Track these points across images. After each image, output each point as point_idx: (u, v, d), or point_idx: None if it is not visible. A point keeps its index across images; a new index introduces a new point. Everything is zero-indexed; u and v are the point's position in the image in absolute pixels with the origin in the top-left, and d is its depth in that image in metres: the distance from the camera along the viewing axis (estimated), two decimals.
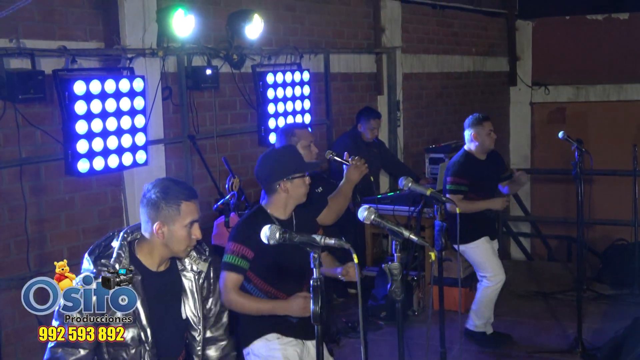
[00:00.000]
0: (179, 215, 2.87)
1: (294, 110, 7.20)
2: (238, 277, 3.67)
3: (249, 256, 3.67)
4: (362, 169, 4.67)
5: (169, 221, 2.87)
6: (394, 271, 3.12)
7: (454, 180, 5.80)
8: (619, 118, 11.60)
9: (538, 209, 11.94)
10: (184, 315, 3.05)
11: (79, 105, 5.19)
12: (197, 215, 2.94)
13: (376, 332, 6.55)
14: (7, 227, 5.09)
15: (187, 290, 3.04)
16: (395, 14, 9.02)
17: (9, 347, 5.03)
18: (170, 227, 2.87)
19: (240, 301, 3.65)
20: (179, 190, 2.91)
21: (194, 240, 2.94)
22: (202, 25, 6.29)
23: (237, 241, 3.70)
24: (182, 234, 2.89)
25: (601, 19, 11.74)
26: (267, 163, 3.83)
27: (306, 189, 3.83)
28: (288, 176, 3.75)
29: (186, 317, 3.05)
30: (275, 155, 3.89)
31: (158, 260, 2.95)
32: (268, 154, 3.92)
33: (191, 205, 2.91)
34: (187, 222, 2.88)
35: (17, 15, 5.12)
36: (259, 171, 3.85)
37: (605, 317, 6.83)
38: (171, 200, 2.87)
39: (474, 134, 5.90)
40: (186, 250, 2.95)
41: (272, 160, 3.83)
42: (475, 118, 5.96)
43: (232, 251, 3.68)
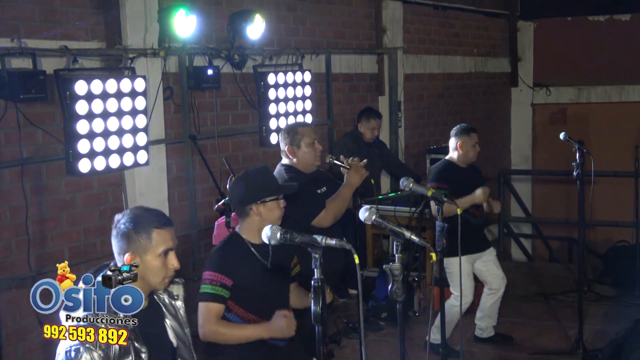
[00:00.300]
0: (151, 245, 2.71)
1: (295, 110, 7.20)
2: (219, 307, 3.55)
3: (228, 284, 3.56)
4: (362, 172, 4.65)
5: (141, 252, 2.70)
6: (395, 272, 3.12)
7: (435, 185, 5.74)
8: (620, 119, 11.60)
9: (539, 210, 11.94)
10: (174, 342, 2.90)
11: (80, 105, 5.19)
12: (172, 243, 2.76)
13: (377, 332, 6.55)
14: (8, 227, 5.09)
15: (170, 317, 2.89)
16: (396, 15, 9.02)
17: (10, 347, 5.03)
18: (143, 258, 2.70)
19: (223, 332, 3.54)
20: (150, 217, 2.75)
21: (171, 270, 2.77)
22: (204, 26, 6.29)
23: (215, 270, 3.57)
24: (156, 264, 2.72)
25: (603, 20, 11.74)
26: (239, 186, 3.71)
27: (281, 212, 3.70)
28: (261, 199, 3.65)
29: (177, 345, 2.91)
30: (248, 177, 3.75)
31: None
32: (241, 176, 3.80)
33: (164, 233, 2.74)
34: (160, 251, 2.72)
35: (19, 15, 5.13)
36: (231, 194, 3.75)
37: (606, 319, 6.82)
38: (141, 229, 2.71)
39: (460, 143, 5.91)
40: (164, 282, 2.78)
41: (244, 183, 3.70)
42: (464, 128, 5.99)
43: (211, 280, 3.55)
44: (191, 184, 6.39)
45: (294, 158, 4.68)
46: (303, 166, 4.68)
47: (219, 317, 3.56)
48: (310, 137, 4.72)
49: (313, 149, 4.69)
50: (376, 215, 3.24)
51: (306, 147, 4.65)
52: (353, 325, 6.52)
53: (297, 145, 4.66)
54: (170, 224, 2.80)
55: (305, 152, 4.66)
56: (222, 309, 3.56)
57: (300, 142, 4.68)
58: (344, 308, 7.16)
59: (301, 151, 4.66)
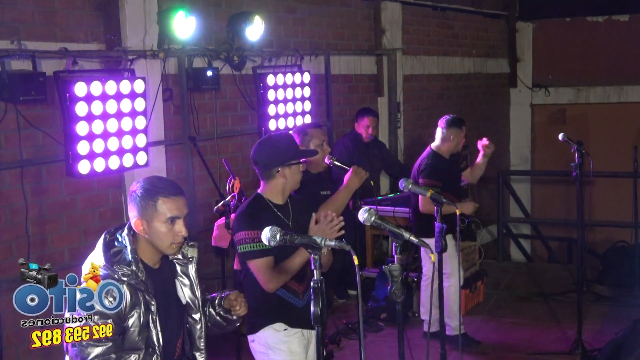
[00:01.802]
0: (156, 212, 2.87)
1: (294, 111, 7.21)
2: (269, 259, 3.67)
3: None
4: (362, 175, 4.67)
5: (148, 218, 2.88)
6: (394, 272, 3.13)
7: (429, 182, 5.78)
8: (619, 120, 11.61)
9: (538, 210, 11.96)
10: (183, 300, 3.06)
11: (79, 107, 5.20)
12: (179, 212, 2.90)
13: (376, 333, 6.56)
14: (8, 229, 5.10)
15: (182, 276, 3.06)
16: (395, 16, 9.03)
17: (10, 348, 5.03)
18: (150, 223, 2.88)
19: (281, 277, 3.68)
20: (160, 186, 2.91)
21: (179, 236, 2.91)
22: (203, 27, 6.30)
23: (250, 228, 3.68)
24: (162, 230, 2.88)
25: (601, 21, 11.75)
26: (265, 149, 3.84)
27: (301, 175, 3.87)
28: (286, 162, 3.78)
29: (186, 302, 3.07)
30: (272, 141, 3.90)
31: (155, 258, 2.96)
32: (266, 140, 3.94)
33: (170, 202, 2.88)
34: (165, 219, 2.87)
35: (19, 17, 5.13)
36: (257, 157, 3.85)
37: (606, 319, 6.83)
38: (149, 197, 2.87)
39: (453, 135, 5.97)
40: (171, 247, 2.92)
41: (270, 146, 3.84)
42: (456, 119, 6.09)
43: (251, 239, 3.67)
44: (191, 185, 6.40)
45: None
46: (310, 167, 4.72)
47: (271, 268, 3.67)
48: (319, 139, 4.80)
49: (321, 150, 4.75)
50: (375, 216, 3.25)
51: (314, 148, 4.68)
52: (352, 326, 6.53)
53: (305, 145, 4.72)
54: (178, 194, 2.92)
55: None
56: (271, 260, 3.68)
57: (309, 142, 4.75)
58: (344, 309, 7.17)
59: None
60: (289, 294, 3.80)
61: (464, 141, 6.16)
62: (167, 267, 3.04)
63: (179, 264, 3.06)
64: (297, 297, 3.81)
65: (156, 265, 2.97)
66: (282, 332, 3.80)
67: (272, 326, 3.80)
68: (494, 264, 8.87)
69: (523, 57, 12.22)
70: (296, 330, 3.82)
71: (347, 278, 7.35)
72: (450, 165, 6.12)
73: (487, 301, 7.42)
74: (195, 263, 3.10)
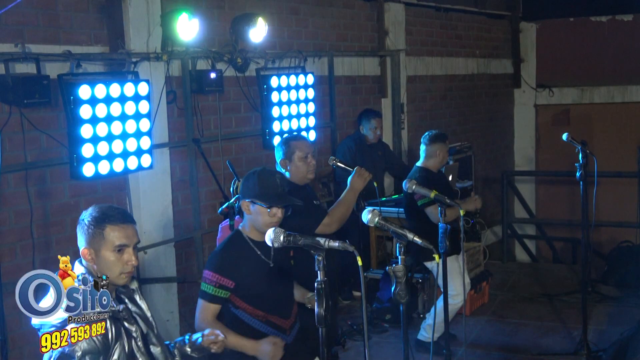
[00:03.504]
0: (104, 240, 2.77)
1: (298, 113, 7.22)
2: (216, 307, 3.59)
3: (229, 286, 3.57)
4: (366, 176, 4.63)
5: (96, 247, 2.78)
6: (399, 274, 3.13)
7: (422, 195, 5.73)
8: (623, 120, 11.59)
9: (543, 211, 11.94)
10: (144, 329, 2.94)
11: (84, 110, 5.21)
12: (127, 240, 2.80)
13: (381, 334, 6.56)
14: (12, 231, 5.11)
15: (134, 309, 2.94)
16: (399, 17, 9.03)
17: (15, 350, 5.04)
18: (98, 252, 2.78)
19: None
20: (108, 214, 2.81)
21: (128, 265, 2.81)
22: (206, 29, 6.31)
23: (215, 271, 3.58)
24: (110, 259, 2.78)
25: (605, 21, 11.73)
26: (245, 178, 3.71)
27: (270, 220, 3.60)
28: (250, 198, 3.62)
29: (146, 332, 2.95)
30: (253, 174, 3.71)
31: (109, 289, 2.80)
32: (253, 171, 3.75)
33: (118, 229, 2.78)
34: (112, 247, 2.77)
35: (23, 20, 5.15)
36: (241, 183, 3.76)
37: (611, 319, 6.82)
38: (97, 225, 2.78)
39: (439, 150, 5.99)
40: (120, 277, 2.82)
41: (247, 177, 3.71)
42: (440, 135, 6.10)
43: (210, 281, 3.57)
44: (195, 187, 6.40)
45: (286, 171, 4.61)
46: (295, 179, 4.61)
47: (212, 315, 3.59)
48: (302, 151, 4.59)
49: (305, 163, 4.57)
50: (379, 217, 3.25)
51: (298, 161, 4.55)
52: (357, 327, 6.53)
53: (289, 158, 4.56)
54: (127, 222, 2.83)
55: (297, 166, 4.55)
56: (218, 309, 3.61)
57: (292, 155, 4.57)
58: (348, 310, 7.17)
59: (293, 164, 4.55)
60: (274, 330, 3.66)
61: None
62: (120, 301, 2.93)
63: (125, 297, 2.94)
64: (283, 333, 3.68)
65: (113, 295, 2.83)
66: None
67: None
68: (499, 265, 8.87)
69: (527, 58, 12.21)
70: None
71: (351, 279, 7.35)
72: (440, 179, 6.08)
73: (492, 302, 7.42)
74: (138, 292, 3.00)
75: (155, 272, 6.08)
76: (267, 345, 3.50)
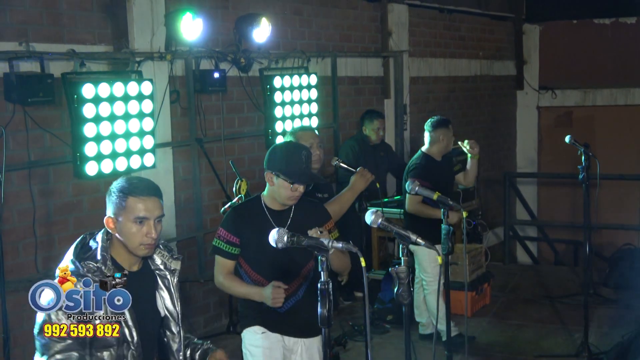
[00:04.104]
0: (124, 209, 2.82)
1: (301, 113, 7.22)
2: (224, 262, 3.77)
3: (236, 242, 3.73)
4: (368, 176, 4.64)
5: (118, 215, 2.84)
6: (401, 274, 3.13)
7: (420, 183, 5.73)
8: (626, 122, 11.59)
9: (545, 213, 11.94)
10: (162, 312, 3.02)
11: (87, 108, 5.22)
12: (148, 212, 2.83)
13: (383, 335, 6.56)
14: (15, 230, 5.12)
15: (163, 288, 3.01)
16: (402, 18, 9.03)
17: (17, 349, 5.04)
18: (119, 219, 2.84)
19: (226, 284, 3.78)
20: (134, 185, 2.86)
21: (147, 238, 2.84)
22: (210, 29, 6.32)
23: (223, 227, 3.77)
24: (130, 229, 2.83)
25: (608, 23, 11.73)
26: (272, 150, 3.82)
27: (289, 194, 3.70)
28: (275, 171, 3.72)
29: (165, 314, 3.02)
30: (280, 147, 3.85)
31: (130, 260, 2.91)
32: (280, 143, 3.95)
33: (140, 201, 2.83)
34: (133, 217, 2.82)
35: (27, 19, 5.16)
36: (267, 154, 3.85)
37: (612, 322, 6.81)
38: (121, 195, 2.84)
39: (442, 136, 5.98)
40: (140, 248, 2.87)
41: (275, 149, 3.81)
42: (443, 120, 6.08)
43: (219, 236, 3.77)
44: (197, 187, 6.41)
45: None
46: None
47: (224, 270, 3.77)
48: (307, 141, 4.57)
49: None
50: (382, 218, 3.25)
51: None
52: (359, 328, 6.53)
53: None
54: (151, 195, 2.86)
55: None
56: (227, 263, 3.78)
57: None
58: (350, 311, 7.17)
59: None
60: None
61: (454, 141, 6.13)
62: (148, 275, 2.99)
63: (160, 275, 3.01)
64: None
65: (133, 268, 2.92)
66: (259, 335, 3.83)
67: (252, 328, 3.86)
68: (500, 267, 8.86)
69: (530, 60, 12.21)
70: (275, 335, 3.84)
71: (353, 280, 7.35)
72: (441, 167, 6.05)
73: (494, 303, 7.41)
74: (177, 276, 3.05)
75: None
76: (268, 289, 3.66)
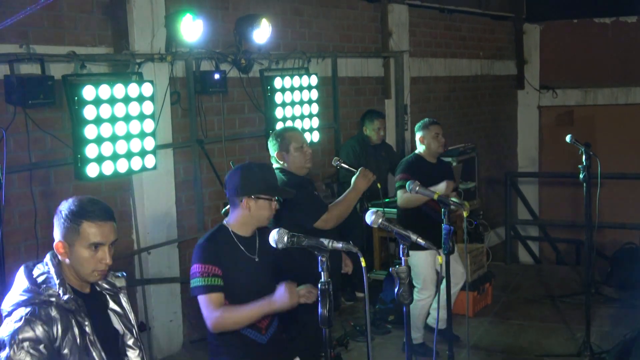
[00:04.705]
0: (79, 235, 2.67)
1: (301, 114, 7.22)
2: (218, 295, 3.46)
3: (218, 273, 3.47)
4: (370, 176, 4.64)
5: (70, 241, 2.69)
6: (402, 274, 3.12)
7: (402, 177, 5.74)
8: (627, 121, 11.58)
9: (546, 212, 11.94)
10: (120, 329, 2.88)
11: (88, 110, 5.23)
12: (103, 238, 2.69)
13: (384, 335, 6.56)
14: (17, 231, 5.13)
15: (115, 306, 2.88)
16: (402, 18, 9.03)
17: None
18: (72, 247, 2.69)
19: (228, 315, 3.45)
20: (87, 209, 2.70)
21: (101, 264, 2.70)
22: (210, 30, 6.32)
23: (204, 262, 3.49)
24: (84, 255, 2.68)
25: (609, 22, 11.73)
26: (236, 175, 3.64)
27: (270, 213, 3.63)
28: (254, 194, 3.59)
29: (123, 333, 2.88)
30: (248, 169, 3.68)
31: (81, 283, 2.77)
32: (243, 166, 3.73)
33: (95, 227, 2.68)
34: (87, 243, 2.67)
35: (27, 22, 5.15)
36: (228, 181, 3.68)
37: (614, 321, 6.81)
38: (73, 219, 2.68)
39: (421, 137, 6.00)
40: (93, 274, 2.72)
41: (242, 173, 3.64)
42: (423, 122, 6.08)
43: (202, 273, 3.46)
44: (198, 188, 6.42)
45: (284, 163, 4.63)
46: (294, 169, 4.64)
47: (219, 304, 3.46)
48: (298, 141, 4.63)
49: (302, 152, 4.60)
50: (382, 218, 3.25)
51: (295, 152, 4.58)
52: (360, 328, 6.53)
53: (285, 149, 4.59)
54: (106, 219, 2.71)
55: (294, 157, 4.58)
56: (220, 297, 3.47)
57: (288, 146, 4.60)
58: (351, 311, 7.18)
59: (290, 155, 4.58)
60: (249, 329, 3.57)
61: (444, 141, 6.10)
62: (98, 297, 2.86)
63: (108, 294, 2.88)
64: (259, 332, 3.60)
65: (85, 290, 2.77)
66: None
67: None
68: (502, 266, 8.86)
69: (530, 59, 12.21)
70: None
71: (354, 280, 7.35)
72: (433, 168, 5.97)
73: (495, 303, 7.41)
74: (124, 292, 2.93)
75: (158, 273, 6.09)
76: (280, 289, 3.42)
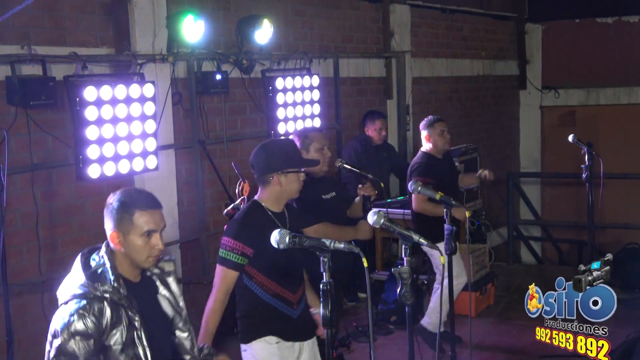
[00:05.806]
0: (132, 225, 2.82)
1: (303, 114, 7.21)
2: (232, 275, 3.66)
3: (248, 253, 3.64)
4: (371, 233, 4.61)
5: (124, 231, 2.83)
6: (404, 275, 3.12)
7: (423, 180, 5.68)
8: (629, 121, 11.57)
9: (549, 212, 11.92)
10: (170, 314, 3.01)
11: (89, 111, 5.22)
12: (155, 225, 2.85)
13: (387, 336, 6.56)
14: (18, 232, 5.12)
15: (164, 290, 3.01)
16: (404, 18, 9.03)
17: (21, 352, 5.05)
18: (126, 236, 2.83)
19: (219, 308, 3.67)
20: (136, 199, 2.86)
21: (155, 250, 2.86)
22: (212, 31, 6.32)
23: (236, 238, 3.65)
24: (139, 243, 2.83)
25: (611, 22, 11.71)
26: (263, 153, 3.78)
27: (300, 184, 3.79)
28: (282, 169, 3.71)
29: (172, 316, 3.02)
30: (272, 146, 3.84)
31: (134, 272, 2.90)
32: (266, 144, 3.88)
33: (146, 215, 2.84)
34: (141, 232, 2.82)
35: (29, 22, 5.16)
36: (254, 160, 3.80)
37: (616, 321, 6.77)
38: (125, 210, 2.83)
39: (426, 135, 6.04)
40: (147, 260, 2.87)
41: (268, 151, 3.78)
42: (428, 120, 6.14)
43: (232, 248, 3.64)
44: (200, 189, 6.41)
45: None
46: (310, 170, 4.65)
47: (230, 285, 3.67)
48: (320, 143, 4.70)
49: (322, 154, 4.66)
50: (385, 218, 3.25)
51: (315, 152, 4.63)
52: (362, 329, 6.52)
53: (306, 149, 4.65)
54: (155, 207, 2.88)
55: (313, 157, 4.58)
56: (237, 276, 3.67)
57: (309, 146, 4.67)
58: (354, 312, 7.17)
59: (310, 155, 4.61)
60: (282, 304, 3.74)
61: (448, 137, 6.12)
62: (149, 283, 2.99)
63: (158, 279, 3.01)
64: (291, 307, 3.76)
65: (137, 279, 2.92)
66: (274, 346, 3.74)
67: (264, 339, 3.73)
68: (504, 267, 8.85)
69: (532, 59, 12.20)
70: (289, 344, 3.78)
71: (356, 281, 7.35)
72: (443, 164, 6.06)
73: (498, 304, 7.40)
74: (174, 276, 3.05)
75: None
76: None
